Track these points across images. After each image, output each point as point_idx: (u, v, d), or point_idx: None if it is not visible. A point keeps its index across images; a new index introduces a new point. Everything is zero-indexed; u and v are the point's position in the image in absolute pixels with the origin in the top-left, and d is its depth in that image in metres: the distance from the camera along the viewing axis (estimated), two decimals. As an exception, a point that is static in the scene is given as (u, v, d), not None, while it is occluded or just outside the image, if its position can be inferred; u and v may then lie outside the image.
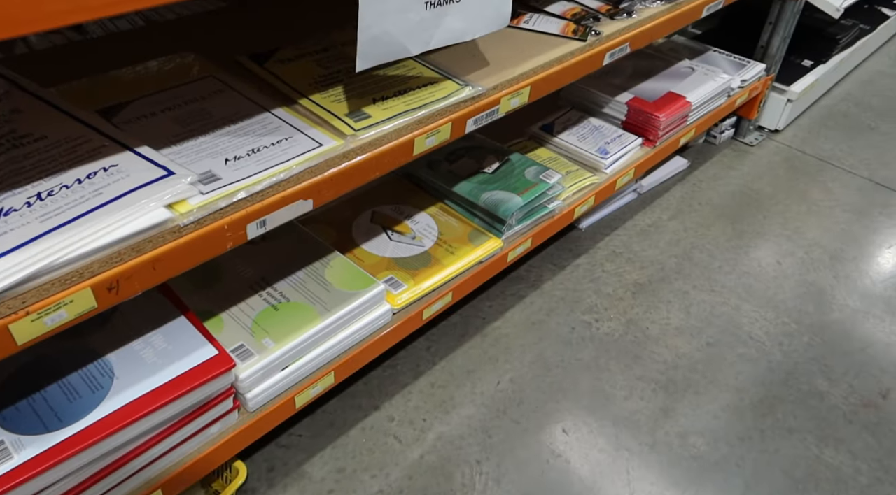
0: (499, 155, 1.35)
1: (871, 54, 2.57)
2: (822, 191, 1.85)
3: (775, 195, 1.82)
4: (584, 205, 1.41)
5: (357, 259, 1.13)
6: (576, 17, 1.19)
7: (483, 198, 1.23)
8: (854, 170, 1.94)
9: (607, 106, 1.60)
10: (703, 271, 1.56)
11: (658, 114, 1.52)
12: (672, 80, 1.68)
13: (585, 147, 1.48)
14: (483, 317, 1.40)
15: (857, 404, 1.29)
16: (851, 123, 2.16)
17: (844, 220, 1.75)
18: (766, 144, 2.04)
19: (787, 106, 2.02)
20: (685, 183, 1.85)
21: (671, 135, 1.60)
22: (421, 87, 0.96)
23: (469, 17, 0.88)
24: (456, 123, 0.96)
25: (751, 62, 1.86)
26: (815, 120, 2.17)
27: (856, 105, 2.26)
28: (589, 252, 1.60)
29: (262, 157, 0.80)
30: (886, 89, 2.36)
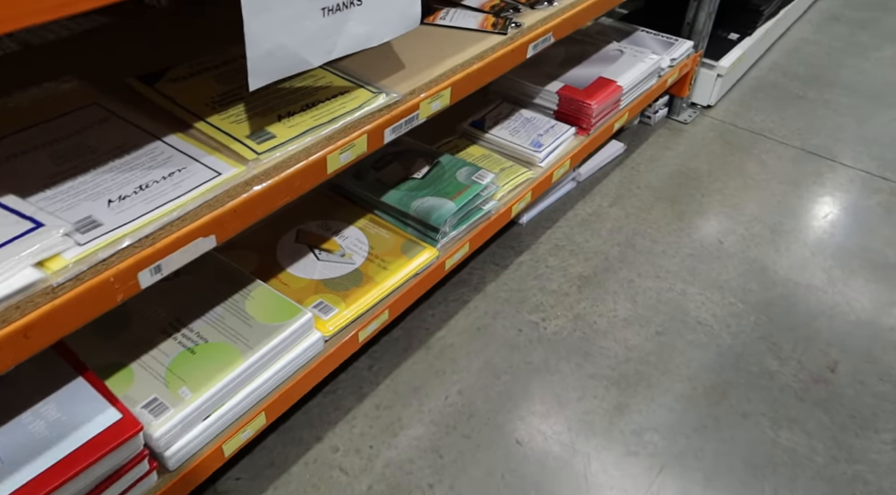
0: (428, 158, 1.28)
1: (794, 22, 2.59)
2: (758, 165, 1.84)
3: (712, 172, 1.81)
4: (521, 201, 1.36)
5: (282, 285, 1.05)
6: (495, 10, 1.13)
7: (414, 206, 1.16)
8: (787, 141, 1.94)
9: (538, 96, 1.54)
10: (646, 257, 1.53)
11: (589, 101, 1.47)
12: (602, 65, 1.64)
13: (518, 141, 1.43)
14: (426, 327, 1.34)
15: (807, 381, 1.28)
16: (780, 93, 2.16)
17: (781, 192, 1.75)
18: (699, 121, 2.02)
19: (717, 81, 2.01)
20: (623, 167, 1.82)
21: (605, 122, 1.55)
22: (331, 97, 0.88)
23: (374, 20, 0.81)
24: (372, 135, 0.89)
25: (679, 40, 1.83)
26: (745, 92, 2.16)
27: (783, 74, 2.27)
28: (531, 248, 1.55)
29: (151, 195, 0.71)
30: (811, 57, 2.38)
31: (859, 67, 2.32)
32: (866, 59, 2.37)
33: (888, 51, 2.42)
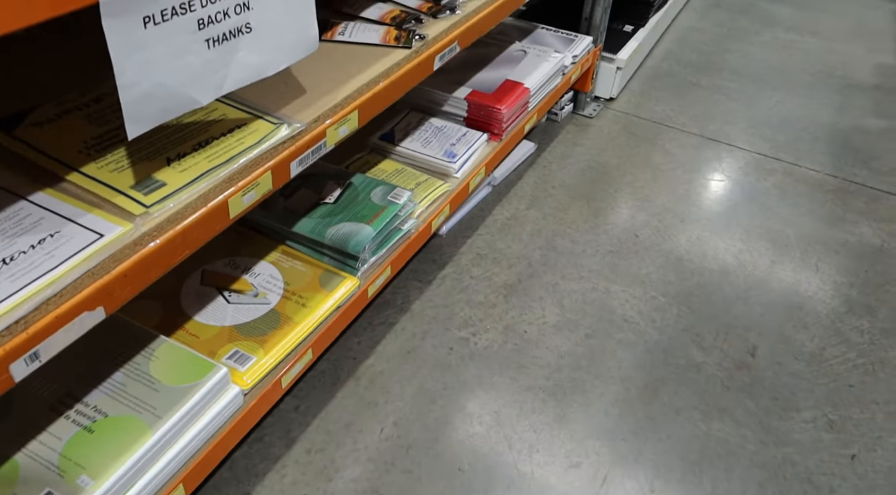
0: (339, 180, 1.20)
1: (680, 11, 2.67)
2: (663, 154, 1.88)
3: (621, 165, 1.83)
4: (440, 215, 1.30)
5: (191, 337, 0.95)
6: (396, 22, 1.06)
7: (329, 234, 1.08)
8: (686, 128, 1.99)
9: (446, 104, 1.49)
10: (568, 258, 1.52)
11: (499, 106, 1.44)
12: (507, 67, 1.60)
13: (431, 152, 1.37)
14: (353, 357, 1.26)
15: (730, 368, 1.31)
16: (676, 81, 2.22)
17: (686, 181, 1.78)
18: (604, 114, 2.04)
19: (617, 73, 2.03)
20: (536, 167, 1.81)
21: (515, 125, 1.52)
22: (227, 133, 0.79)
23: (267, 47, 0.72)
24: (277, 170, 0.81)
25: (578, 36, 1.83)
26: (644, 82, 2.21)
27: (677, 62, 2.33)
28: (454, 259, 1.50)
29: (18, 269, 0.60)
30: (699, 44, 2.45)
31: (743, 51, 2.41)
32: (749, 44, 2.47)
33: (767, 35, 2.54)
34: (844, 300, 1.45)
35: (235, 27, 0.67)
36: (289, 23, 0.73)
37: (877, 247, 1.59)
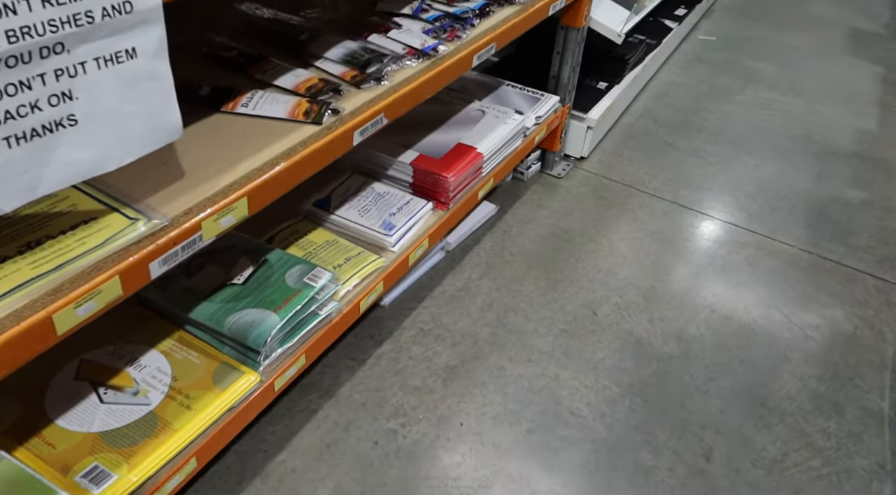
0: (253, 256, 1.08)
1: (662, 65, 2.58)
2: (631, 222, 1.75)
3: (586, 232, 1.70)
4: (371, 294, 1.17)
5: (46, 447, 0.81)
6: (311, 92, 0.94)
7: (229, 323, 0.95)
8: (658, 193, 1.87)
9: (391, 168, 1.37)
10: (518, 337, 1.39)
11: (446, 174, 1.31)
12: (461, 128, 1.49)
13: (368, 223, 1.25)
14: (264, 449, 1.12)
15: (683, 474, 1.16)
16: (651, 141, 2.11)
17: (655, 251, 1.66)
18: (573, 174, 1.92)
19: (587, 133, 1.92)
20: (495, 230, 1.68)
21: (465, 193, 1.40)
22: (69, 230, 0.67)
23: (103, 140, 0.60)
24: (130, 274, 0.68)
25: (545, 95, 1.72)
26: (617, 141, 2.09)
27: (653, 121, 2.22)
28: (393, 335, 1.37)
29: None
30: (678, 101, 2.35)
31: (723, 111, 2.31)
32: (729, 102, 2.36)
33: (748, 93, 2.43)
34: (812, 395, 1.31)
35: (52, 120, 0.55)
36: (134, 110, 0.61)
37: (849, 333, 1.45)
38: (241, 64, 0.99)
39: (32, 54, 0.51)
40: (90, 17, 0.54)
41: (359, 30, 1.11)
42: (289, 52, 1.05)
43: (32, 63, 0.52)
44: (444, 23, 1.17)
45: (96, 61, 0.56)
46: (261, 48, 1.05)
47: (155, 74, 0.61)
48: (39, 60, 0.52)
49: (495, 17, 1.27)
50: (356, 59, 1.01)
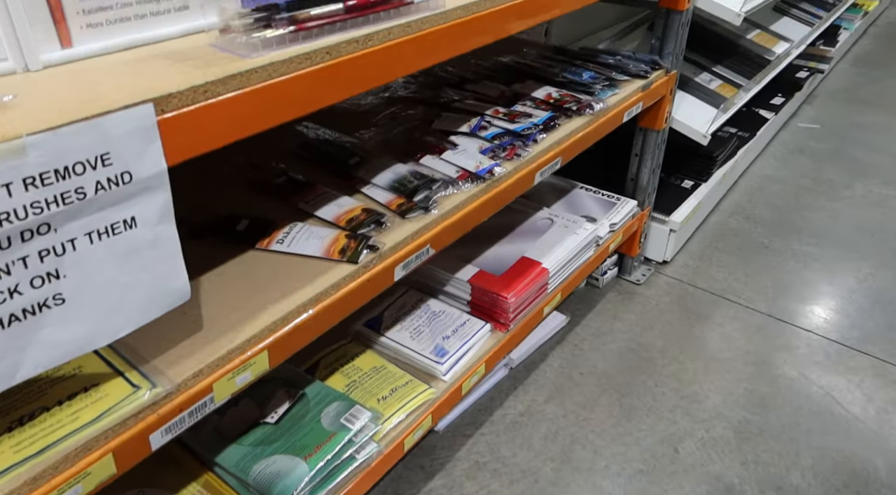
0: (291, 389, 1.01)
1: (757, 157, 2.40)
2: (720, 338, 1.57)
3: (668, 349, 1.53)
4: (417, 429, 1.07)
5: None
6: (351, 225, 0.89)
7: (255, 472, 0.88)
8: (752, 305, 1.68)
9: (449, 284, 1.29)
10: (586, 477, 1.23)
11: (506, 294, 1.22)
12: (527, 239, 1.40)
13: (419, 347, 1.16)
14: None
15: None
16: (743, 242, 1.93)
17: (747, 376, 1.46)
18: (654, 280, 1.77)
19: (670, 236, 1.78)
20: (565, 344, 1.55)
21: (529, 312, 1.29)
22: (67, 399, 0.62)
23: (96, 313, 0.55)
24: (125, 450, 0.62)
25: (621, 199, 1.61)
26: (705, 242, 1.93)
27: (746, 219, 2.04)
28: (446, 467, 1.25)
29: None
30: (775, 197, 2.16)
31: (829, 209, 2.09)
32: (836, 199, 2.15)
33: (859, 188, 2.20)
34: (956, 583, 1.06)
35: (34, 303, 0.51)
36: (132, 281, 0.56)
37: None
38: (287, 192, 0.96)
39: (12, 239, 0.48)
40: (81, 194, 0.50)
41: (412, 151, 1.06)
42: (338, 176, 1.02)
43: (12, 248, 0.48)
44: (503, 141, 1.10)
45: (88, 236, 0.52)
46: (310, 172, 1.02)
47: (158, 241, 0.57)
48: (20, 244, 0.48)
49: (562, 130, 1.19)
50: (404, 186, 0.96)
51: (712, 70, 1.87)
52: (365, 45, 0.71)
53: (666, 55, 1.48)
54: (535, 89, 1.30)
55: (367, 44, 0.71)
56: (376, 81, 0.74)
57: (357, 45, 0.70)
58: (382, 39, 0.73)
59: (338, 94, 0.70)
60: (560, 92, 1.28)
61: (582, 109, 1.24)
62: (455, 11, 0.82)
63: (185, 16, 0.67)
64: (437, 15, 0.79)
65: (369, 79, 0.73)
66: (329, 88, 0.68)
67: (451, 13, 0.81)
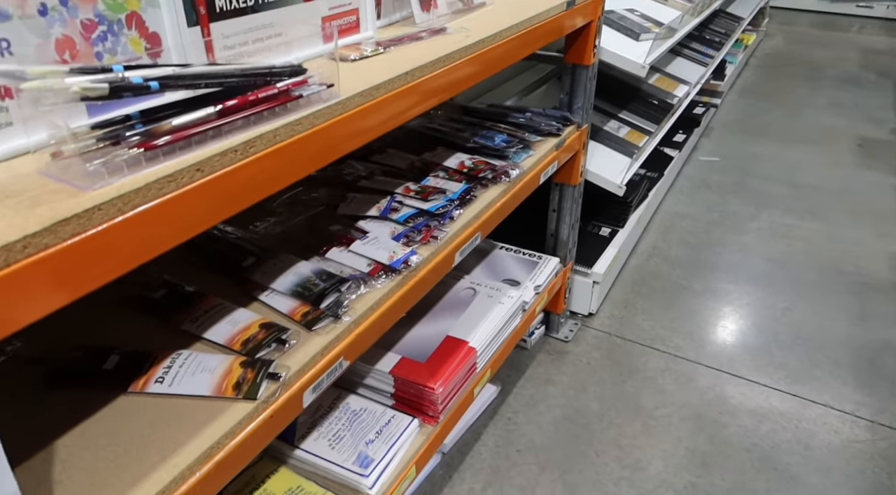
0: (189, 539, 0.85)
1: (666, 194, 2.43)
2: (654, 393, 1.52)
3: (604, 413, 1.47)
4: (344, 558, 0.93)
5: None
6: (248, 347, 0.76)
7: None
8: (681, 353, 1.65)
9: (369, 376, 1.17)
10: (534, 576, 1.13)
11: (432, 385, 1.11)
12: (450, 315, 1.30)
13: (340, 459, 1.03)
14: None
15: None
16: (663, 285, 1.92)
17: (687, 434, 1.42)
18: (582, 336, 1.72)
19: (594, 288, 1.74)
20: (498, 419, 1.45)
21: (458, 398, 1.19)
22: None
23: None
24: None
25: (543, 258, 1.54)
26: (627, 289, 1.90)
27: (664, 260, 2.04)
28: None
29: None
30: (688, 234, 2.18)
31: (738, 243, 2.13)
32: (743, 232, 2.20)
33: (763, 219, 2.27)
34: None
35: None
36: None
37: (945, 544, 1.18)
38: (169, 309, 0.82)
39: None
40: None
41: (316, 244, 0.94)
42: (231, 281, 0.88)
43: None
44: (418, 223, 1.00)
45: None
46: (198, 279, 0.88)
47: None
48: None
49: (479, 203, 1.11)
50: (309, 290, 0.83)
51: (619, 117, 1.88)
52: (246, 153, 0.59)
53: (576, 110, 1.44)
54: (447, 157, 1.22)
55: (248, 152, 0.59)
56: (263, 192, 0.62)
57: (236, 155, 0.58)
58: (268, 143, 0.61)
59: (215, 216, 0.57)
60: (473, 159, 1.20)
61: (498, 177, 1.16)
62: (353, 99, 0.72)
63: (8, 134, 0.53)
64: (334, 106, 0.69)
65: (254, 191, 0.61)
66: (203, 212, 0.56)
67: (350, 102, 0.71)
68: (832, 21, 5.07)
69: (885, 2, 5.18)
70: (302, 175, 0.67)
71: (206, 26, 0.68)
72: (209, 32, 0.68)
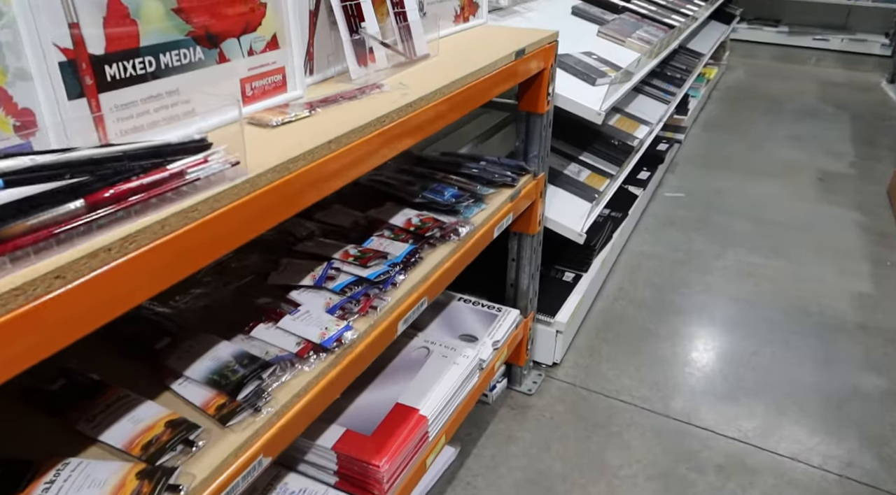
0: None
1: (631, 233, 2.39)
2: (620, 449, 1.45)
3: (568, 474, 1.39)
4: None
5: None
6: (149, 452, 0.66)
7: None
8: (647, 405, 1.58)
9: (310, 452, 1.08)
10: None
11: (377, 463, 1.02)
12: (401, 379, 1.21)
13: (273, 551, 0.93)
14: None
15: None
16: (629, 330, 1.85)
17: (653, 494, 1.34)
18: (546, 388, 1.64)
19: (557, 337, 1.66)
20: (456, 484, 1.36)
21: (408, 471, 1.10)
22: None
23: None
24: None
25: (503, 310, 1.47)
26: (592, 335, 1.83)
27: (629, 302, 1.99)
28: None
29: None
30: (653, 274, 2.13)
31: (704, 283, 2.09)
32: (709, 272, 2.15)
33: (728, 258, 2.23)
34: None
35: None
36: None
37: None
38: (65, 403, 0.72)
39: None
40: None
41: (241, 321, 0.86)
42: (144, 366, 0.79)
43: None
44: (355, 292, 0.92)
45: None
46: (104, 365, 0.79)
47: None
48: None
49: (426, 265, 1.03)
50: (226, 378, 0.75)
51: (579, 159, 1.83)
52: (124, 250, 0.51)
53: (531, 158, 1.39)
54: (394, 214, 1.14)
55: (126, 249, 0.51)
56: (148, 292, 0.54)
57: (109, 254, 0.50)
58: (154, 236, 0.53)
59: (79, 330, 0.49)
60: (421, 216, 1.13)
61: (446, 235, 1.09)
62: (265, 176, 0.64)
63: None
64: (240, 185, 0.61)
65: (137, 292, 0.53)
66: (64, 327, 0.48)
67: (260, 179, 0.64)
68: (791, 54, 5.17)
69: (839, 35, 5.31)
70: (200, 265, 0.59)
71: (93, 98, 0.60)
72: (98, 106, 0.61)
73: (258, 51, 0.79)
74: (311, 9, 0.90)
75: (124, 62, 0.63)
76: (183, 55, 0.69)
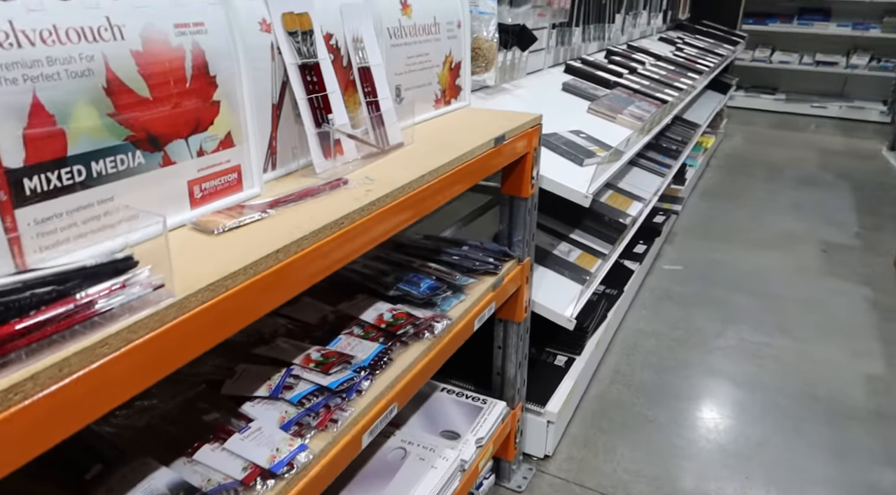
0: None
1: (628, 309, 2.32)
2: (617, 558, 1.33)
3: None
4: None
5: None
6: None
7: None
8: (646, 504, 1.48)
9: (267, 576, 0.97)
10: None
11: None
12: (376, 485, 1.12)
13: None
14: None
15: None
16: (627, 418, 1.75)
17: None
18: (537, 485, 1.53)
19: (549, 428, 1.57)
20: None
21: None
22: None
23: None
24: None
25: (488, 402, 1.38)
26: (587, 422, 1.73)
27: (627, 387, 1.89)
28: None
29: None
30: (652, 354, 2.04)
31: (705, 364, 1.99)
32: (710, 352, 2.06)
33: (730, 336, 2.15)
34: None
35: None
36: None
37: None
38: (-29, 546, 0.64)
39: None
40: None
41: (185, 440, 0.78)
42: None
43: None
44: (315, 403, 0.85)
45: None
46: None
47: None
48: None
49: (396, 367, 0.96)
50: (157, 515, 0.67)
51: (569, 238, 1.78)
52: (7, 402, 0.45)
53: (516, 243, 1.33)
54: (365, 309, 1.08)
55: (10, 401, 0.45)
56: (42, 446, 0.47)
57: (-10, 408, 0.43)
58: (51, 380, 0.47)
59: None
60: (394, 311, 1.07)
61: (420, 332, 1.03)
62: (195, 297, 0.58)
63: None
64: (165, 311, 0.55)
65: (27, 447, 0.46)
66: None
67: (189, 301, 0.58)
68: (789, 121, 5.22)
69: (837, 102, 5.37)
70: (114, 405, 0.52)
71: (8, 215, 0.55)
72: (15, 224, 0.56)
73: (209, 150, 0.75)
74: (273, 102, 0.87)
75: (47, 174, 0.58)
76: (119, 161, 0.64)
